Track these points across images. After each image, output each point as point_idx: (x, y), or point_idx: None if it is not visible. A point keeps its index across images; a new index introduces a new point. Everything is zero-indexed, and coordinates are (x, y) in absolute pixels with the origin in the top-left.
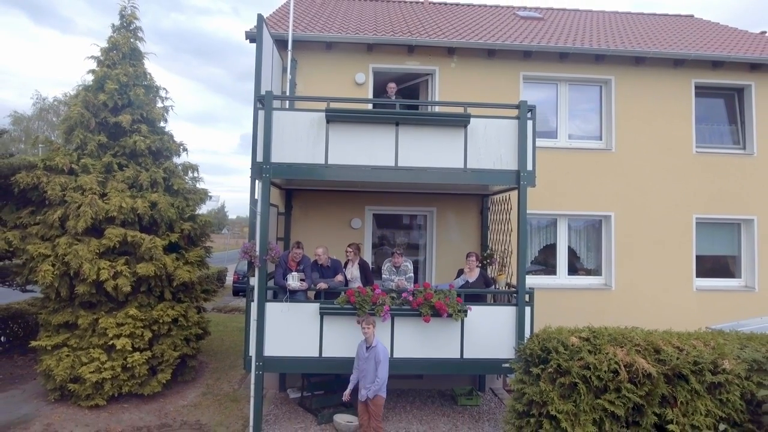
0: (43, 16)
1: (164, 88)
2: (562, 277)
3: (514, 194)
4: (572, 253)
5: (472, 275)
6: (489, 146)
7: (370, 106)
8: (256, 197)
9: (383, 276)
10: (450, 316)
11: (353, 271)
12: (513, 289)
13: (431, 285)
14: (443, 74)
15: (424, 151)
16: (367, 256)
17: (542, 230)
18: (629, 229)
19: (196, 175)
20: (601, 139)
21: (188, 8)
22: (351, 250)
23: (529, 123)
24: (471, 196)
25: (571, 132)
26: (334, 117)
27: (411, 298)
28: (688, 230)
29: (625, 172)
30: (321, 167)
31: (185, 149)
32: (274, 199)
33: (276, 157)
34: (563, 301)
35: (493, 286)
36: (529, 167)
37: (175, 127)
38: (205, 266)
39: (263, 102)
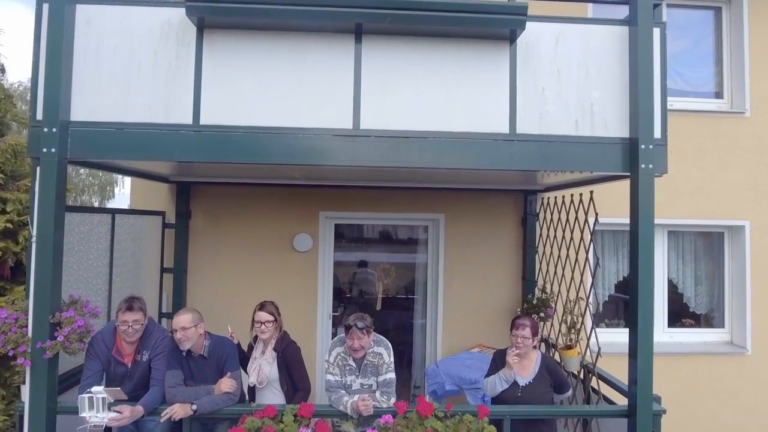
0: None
1: None
2: (658, 331)
3: (599, 191)
4: (671, 289)
5: (526, 368)
6: (565, 83)
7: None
8: (35, 202)
9: (326, 377)
10: None
11: (264, 366)
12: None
13: (437, 372)
14: None
15: (419, 96)
16: (323, 307)
17: (621, 251)
18: None
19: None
20: (721, 97)
21: None
22: (265, 317)
23: (656, 32)
24: (505, 192)
25: (671, 84)
26: (213, 13)
27: None
28: None
29: (766, 152)
30: (184, 134)
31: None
32: (159, 199)
33: (80, 112)
34: (662, 373)
35: (570, 392)
36: (657, 133)
37: None
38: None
39: None
